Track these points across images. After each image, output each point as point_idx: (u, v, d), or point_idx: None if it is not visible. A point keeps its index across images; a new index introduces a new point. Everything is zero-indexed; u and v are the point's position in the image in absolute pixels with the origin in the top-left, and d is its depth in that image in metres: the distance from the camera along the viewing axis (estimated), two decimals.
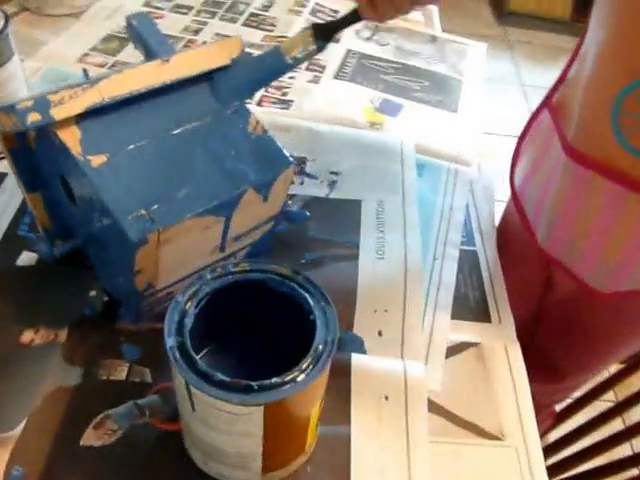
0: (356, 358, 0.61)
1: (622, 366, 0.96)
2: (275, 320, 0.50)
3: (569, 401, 1.08)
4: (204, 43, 1.02)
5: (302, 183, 0.80)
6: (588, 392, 1.03)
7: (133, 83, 0.51)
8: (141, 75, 0.52)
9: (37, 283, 0.64)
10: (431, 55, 1.10)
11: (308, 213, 0.76)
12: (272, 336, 0.52)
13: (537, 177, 0.77)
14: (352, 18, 0.66)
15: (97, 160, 0.49)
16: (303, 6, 1.15)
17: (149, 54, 0.60)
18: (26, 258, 0.67)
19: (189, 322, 0.43)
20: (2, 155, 0.75)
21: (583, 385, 1.01)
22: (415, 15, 1.20)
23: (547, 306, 0.89)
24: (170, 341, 0.42)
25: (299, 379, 0.42)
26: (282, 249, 0.71)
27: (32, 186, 0.61)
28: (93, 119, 0.51)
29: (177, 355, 0.41)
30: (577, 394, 1.05)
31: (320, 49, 0.64)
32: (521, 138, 0.81)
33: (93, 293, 0.64)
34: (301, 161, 0.83)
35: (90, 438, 0.52)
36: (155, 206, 0.49)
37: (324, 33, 0.64)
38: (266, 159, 0.55)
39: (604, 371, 0.98)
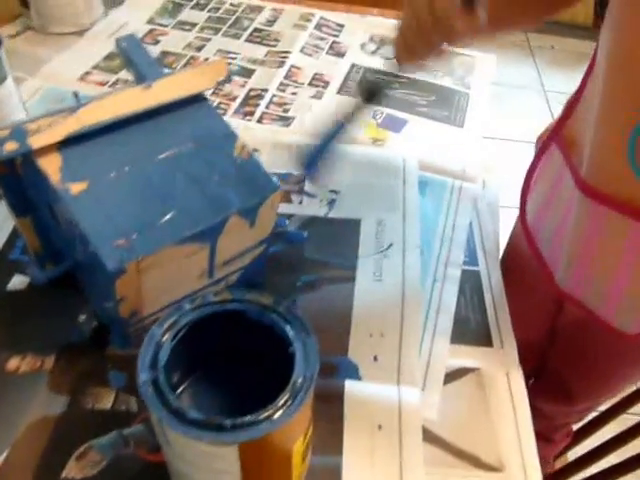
0: (350, 385, 0.60)
1: None
2: (256, 350, 0.49)
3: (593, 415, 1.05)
4: (206, 60, 1.02)
5: (301, 202, 0.79)
6: (611, 407, 1.00)
7: (115, 109, 0.51)
8: (123, 101, 0.51)
9: (27, 308, 0.64)
10: (438, 68, 1.09)
11: (306, 234, 0.75)
12: (255, 365, 0.51)
13: (550, 213, 0.74)
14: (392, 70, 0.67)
15: (77, 187, 0.49)
16: (308, 20, 1.15)
17: (139, 76, 0.60)
18: (18, 281, 0.67)
19: (164, 356, 0.43)
20: None
21: (600, 406, 0.99)
22: None
23: (559, 328, 0.87)
24: (143, 376, 0.41)
25: (276, 416, 0.41)
26: (277, 271, 0.70)
27: (21, 210, 0.60)
28: (75, 146, 0.50)
29: (149, 391, 0.41)
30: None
31: (368, 105, 0.67)
32: (530, 171, 0.78)
33: (83, 318, 0.64)
34: (300, 180, 0.82)
35: (72, 470, 0.52)
36: (134, 234, 0.48)
37: (371, 94, 0.67)
38: (251, 183, 0.54)
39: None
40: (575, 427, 1.10)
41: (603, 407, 1.00)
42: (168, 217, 0.50)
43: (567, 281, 0.73)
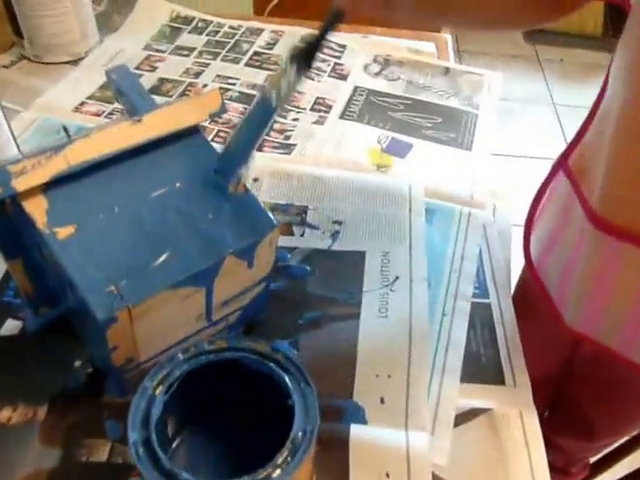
0: (356, 430, 0.59)
1: None
2: (254, 400, 0.47)
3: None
4: (204, 86, 1.02)
5: (303, 235, 0.78)
6: (631, 438, 0.98)
7: (103, 146, 0.50)
8: (111, 137, 0.51)
9: (20, 354, 0.63)
10: (444, 88, 1.08)
11: (308, 268, 0.74)
12: (253, 415, 0.50)
13: (558, 249, 0.72)
14: (330, 22, 0.57)
15: (64, 232, 0.48)
16: None
17: (131, 108, 0.60)
18: (11, 326, 0.66)
19: (156, 412, 0.42)
20: None
21: (619, 441, 0.97)
22: (427, 46, 1.19)
23: (577, 361, 0.85)
24: (133, 436, 0.40)
25: (274, 475, 0.39)
26: (279, 308, 0.69)
27: (12, 253, 0.60)
28: (61, 187, 0.50)
29: (140, 452, 0.40)
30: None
31: (301, 72, 0.56)
32: (535, 203, 0.76)
33: (78, 363, 0.63)
34: (302, 210, 0.81)
35: None
36: (124, 281, 0.47)
37: (304, 56, 0.56)
38: (247, 222, 0.53)
39: None
40: (593, 459, 1.08)
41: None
42: (160, 260, 0.49)
43: (578, 319, 0.72)
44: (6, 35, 1.05)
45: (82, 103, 0.97)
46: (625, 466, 1.02)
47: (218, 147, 0.58)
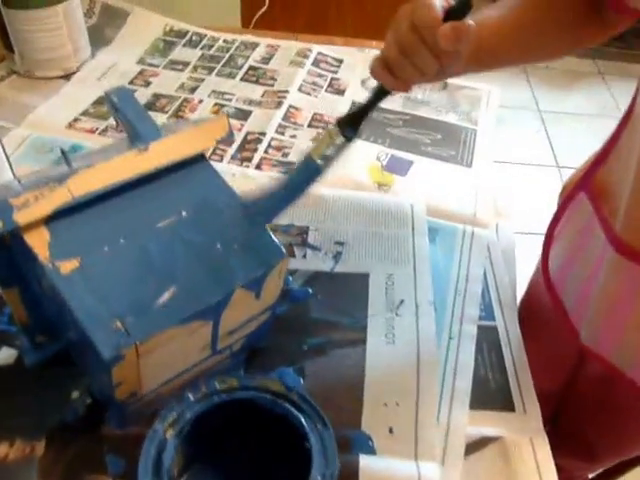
0: (365, 460, 0.57)
1: None
2: (268, 440, 0.46)
3: None
4: (200, 102, 1.00)
5: (305, 256, 0.77)
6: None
7: (108, 177, 0.49)
8: (116, 168, 0.49)
9: (16, 385, 0.61)
10: (442, 104, 1.08)
11: (311, 291, 0.73)
12: (265, 455, 0.48)
13: (576, 269, 0.72)
14: (377, 96, 0.60)
15: (67, 266, 0.47)
16: (305, 57, 1.13)
17: (132, 131, 0.58)
18: (5, 355, 0.64)
19: (168, 458, 0.40)
20: None
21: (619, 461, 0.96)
22: None
23: (580, 381, 0.84)
24: None
25: None
26: (282, 333, 0.67)
27: (8, 281, 0.58)
28: (64, 219, 0.48)
29: None
30: None
31: (350, 139, 0.59)
32: (555, 221, 0.75)
33: (76, 394, 0.61)
34: (303, 231, 0.80)
35: None
36: (131, 316, 0.45)
37: (350, 123, 0.59)
38: (256, 251, 0.52)
39: None
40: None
41: None
42: (168, 294, 0.48)
43: (592, 339, 0.71)
44: None
45: (75, 119, 0.95)
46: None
47: (220, 169, 0.57)
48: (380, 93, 0.60)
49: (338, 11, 2.24)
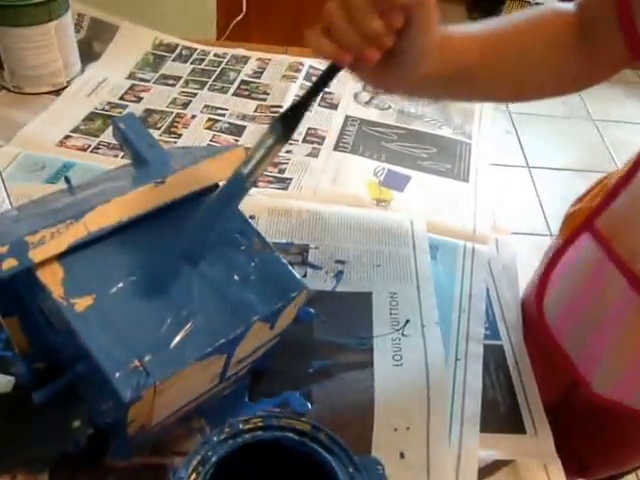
0: None
1: None
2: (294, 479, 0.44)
3: None
4: (193, 117, 0.98)
5: (305, 275, 0.75)
6: None
7: (124, 212, 0.46)
8: (133, 202, 0.47)
9: (15, 415, 0.59)
10: (435, 117, 1.06)
11: (313, 311, 0.71)
12: None
13: (584, 315, 0.69)
14: (323, 78, 0.52)
15: (82, 303, 0.44)
16: (297, 70, 1.11)
17: (138, 159, 0.56)
18: (2, 382, 0.61)
19: None
20: None
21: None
22: None
23: (572, 399, 0.83)
24: None
25: None
26: (286, 356, 0.65)
27: (8, 311, 0.55)
28: (77, 254, 0.46)
29: None
30: None
31: (280, 140, 0.50)
32: (550, 265, 0.73)
33: (77, 424, 0.58)
34: (303, 249, 0.78)
35: None
36: (149, 355, 0.43)
37: (288, 117, 0.50)
38: (274, 283, 0.50)
39: None
40: None
41: None
42: (186, 330, 0.45)
43: (609, 387, 0.69)
44: None
45: (66, 137, 0.92)
46: None
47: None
48: (327, 73, 0.52)
49: (314, 21, 2.24)
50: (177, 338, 0.44)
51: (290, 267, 0.52)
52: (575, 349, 0.71)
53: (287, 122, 0.50)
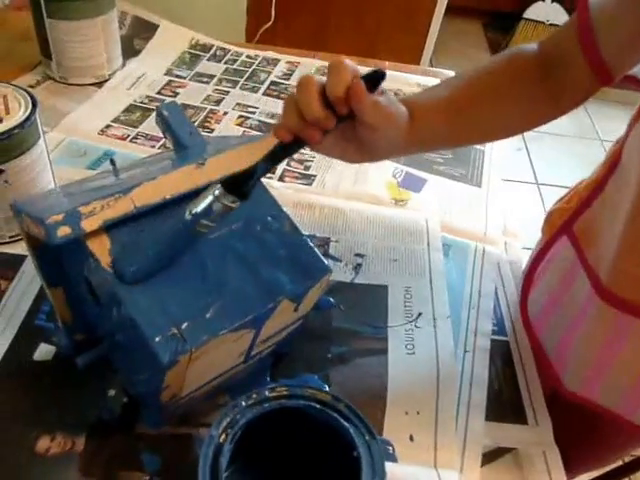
0: (388, 467, 0.57)
1: None
2: (315, 446, 0.45)
3: None
4: (225, 114, 1.00)
5: None
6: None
7: (167, 189, 0.48)
8: (176, 181, 0.48)
9: (54, 381, 0.60)
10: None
11: (332, 300, 0.72)
12: (311, 462, 0.47)
13: (557, 313, 0.69)
14: (273, 155, 0.53)
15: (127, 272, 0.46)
16: (324, 74, 1.12)
17: (179, 145, 0.57)
18: (44, 351, 0.63)
19: (224, 461, 0.39)
20: (20, 236, 0.72)
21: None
22: (433, 82, 1.17)
23: (560, 395, 0.83)
24: None
25: None
26: (306, 341, 0.67)
27: (54, 281, 0.57)
28: (123, 227, 0.47)
29: None
30: None
31: (228, 206, 0.46)
32: (534, 264, 0.73)
33: (112, 393, 0.59)
34: (325, 242, 0.79)
35: None
36: (186, 323, 0.45)
37: (234, 187, 0.47)
38: (302, 265, 0.51)
39: None
40: None
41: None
42: (219, 303, 0.47)
43: (577, 385, 0.69)
44: (32, 55, 1.02)
45: (107, 126, 0.94)
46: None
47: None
48: (275, 152, 0.53)
49: (337, 29, 2.25)
50: (211, 310, 0.46)
51: (317, 250, 0.53)
52: (550, 346, 0.71)
53: (234, 187, 0.47)
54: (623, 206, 0.57)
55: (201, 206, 0.45)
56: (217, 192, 0.45)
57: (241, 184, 0.48)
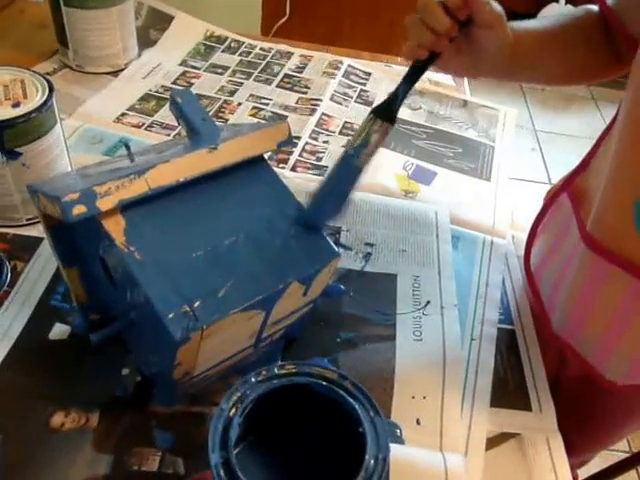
0: (395, 449, 0.57)
1: None
2: (321, 422, 0.46)
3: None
4: (239, 105, 1.01)
5: None
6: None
7: (181, 172, 0.49)
8: (189, 164, 0.49)
9: (69, 359, 0.61)
10: (462, 120, 1.08)
11: (343, 287, 0.73)
12: (318, 437, 0.48)
13: (553, 261, 0.73)
14: (410, 75, 0.60)
15: (142, 251, 0.47)
16: (337, 68, 1.13)
17: (192, 131, 0.58)
18: (59, 331, 0.64)
19: (234, 434, 0.40)
20: (37, 219, 0.73)
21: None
22: (446, 79, 1.18)
23: (562, 383, 0.84)
24: (214, 457, 0.39)
25: None
26: (317, 326, 0.68)
27: (70, 261, 0.58)
28: (138, 208, 0.48)
29: (222, 474, 0.38)
30: None
31: (387, 128, 0.57)
32: (538, 219, 0.77)
33: (126, 371, 0.61)
34: (336, 231, 0.80)
35: None
36: (198, 301, 0.46)
37: (386, 108, 0.58)
38: (312, 249, 0.52)
39: None
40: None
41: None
42: (230, 283, 0.48)
43: (562, 327, 0.72)
44: (49, 43, 1.03)
45: (123, 114, 0.95)
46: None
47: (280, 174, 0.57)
48: (413, 72, 0.61)
49: (352, 26, 2.26)
50: (223, 290, 0.46)
51: (326, 235, 0.54)
52: (546, 292, 0.75)
53: (383, 112, 0.57)
54: (606, 167, 0.62)
55: (360, 138, 0.56)
56: (370, 121, 0.56)
57: (388, 107, 0.57)
